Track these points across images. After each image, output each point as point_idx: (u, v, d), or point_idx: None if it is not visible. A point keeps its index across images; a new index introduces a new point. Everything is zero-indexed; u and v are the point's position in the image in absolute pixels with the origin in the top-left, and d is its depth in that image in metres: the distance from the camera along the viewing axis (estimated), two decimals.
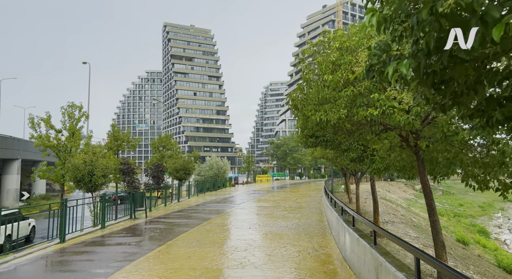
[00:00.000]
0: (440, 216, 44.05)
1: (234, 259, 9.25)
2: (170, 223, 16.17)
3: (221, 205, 24.09)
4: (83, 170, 19.90)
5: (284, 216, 17.62)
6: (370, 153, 11.85)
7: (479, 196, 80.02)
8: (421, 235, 18.01)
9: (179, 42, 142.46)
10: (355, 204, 21.41)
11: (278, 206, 22.56)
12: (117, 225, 15.66)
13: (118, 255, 9.87)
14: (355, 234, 7.66)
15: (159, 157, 41.58)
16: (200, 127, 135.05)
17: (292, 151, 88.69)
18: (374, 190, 14.71)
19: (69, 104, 25.84)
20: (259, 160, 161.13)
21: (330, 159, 20.48)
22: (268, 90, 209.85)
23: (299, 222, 15.46)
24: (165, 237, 12.46)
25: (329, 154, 18.56)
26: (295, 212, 19.30)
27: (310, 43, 8.08)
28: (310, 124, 7.80)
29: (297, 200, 26.27)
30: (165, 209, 22.02)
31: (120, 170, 25.82)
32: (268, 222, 15.67)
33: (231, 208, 21.70)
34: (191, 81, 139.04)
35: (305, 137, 12.63)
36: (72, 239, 12.48)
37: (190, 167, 38.21)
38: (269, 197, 30.35)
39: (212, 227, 14.43)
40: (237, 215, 18.69)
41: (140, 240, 12.22)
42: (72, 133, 25.95)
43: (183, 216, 18.38)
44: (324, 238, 11.84)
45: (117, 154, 33.31)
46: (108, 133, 32.62)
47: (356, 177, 21.83)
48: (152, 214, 19.68)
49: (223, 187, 46.13)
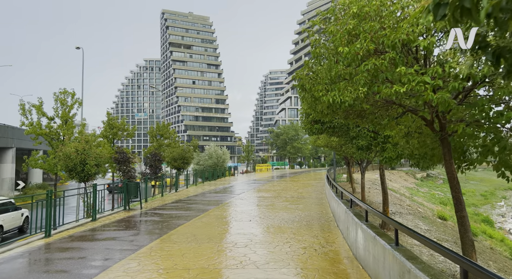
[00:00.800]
0: (443, 205, 43.34)
1: (233, 257, 8.36)
2: (166, 214, 15.30)
3: (220, 195, 23.24)
4: (75, 159, 18.98)
5: (286, 207, 16.76)
6: (380, 140, 10.90)
7: (480, 185, 79.73)
8: (431, 228, 17.17)
9: (177, 29, 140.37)
10: (360, 194, 20.55)
11: (279, 196, 21.71)
12: (110, 217, 14.78)
13: (106, 252, 8.99)
14: (370, 232, 6.75)
15: (157, 146, 40.63)
16: (199, 116, 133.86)
17: (292, 139, 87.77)
18: (384, 180, 13.79)
19: (61, 91, 24.79)
20: (259, 149, 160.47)
21: (334, 148, 19.55)
22: (267, 79, 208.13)
23: (302, 214, 14.59)
24: (159, 231, 11.58)
25: (333, 142, 17.64)
26: (297, 202, 18.44)
27: (320, 13, 7.05)
28: (320, 107, 6.83)
29: (299, 190, 25.42)
30: (161, 199, 21.16)
31: (115, 159, 24.89)
32: (269, 214, 14.81)
33: (230, 199, 20.85)
34: (190, 70, 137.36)
35: (310, 123, 11.68)
36: (59, 233, 11.60)
37: (189, 156, 37.34)
38: (269, 186, 29.51)
39: (210, 220, 13.55)
40: (236, 206, 17.83)
41: (132, 234, 11.33)
42: (65, 121, 24.95)
43: (180, 207, 17.52)
44: (330, 233, 10.96)
45: (113, 142, 32.37)
46: (103, 121, 31.60)
47: (361, 166, 20.88)
48: (148, 205, 18.82)
49: (223, 176, 45.30)
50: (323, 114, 7.35)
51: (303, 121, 12.20)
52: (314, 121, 11.29)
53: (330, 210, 15.72)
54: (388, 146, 10.67)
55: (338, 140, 16.51)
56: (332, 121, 10.89)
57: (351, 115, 7.29)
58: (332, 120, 10.91)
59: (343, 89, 5.58)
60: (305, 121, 11.89)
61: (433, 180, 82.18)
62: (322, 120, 10.99)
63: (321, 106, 6.64)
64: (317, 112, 7.26)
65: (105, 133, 31.19)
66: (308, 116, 11.43)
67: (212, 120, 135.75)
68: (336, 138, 16.14)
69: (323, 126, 11.25)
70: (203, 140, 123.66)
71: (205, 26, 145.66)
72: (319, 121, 11.29)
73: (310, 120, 11.35)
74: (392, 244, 5.69)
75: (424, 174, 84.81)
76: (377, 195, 29.15)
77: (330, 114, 7.23)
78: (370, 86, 5.24)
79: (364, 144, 11.18)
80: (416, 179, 77.57)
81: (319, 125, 11.33)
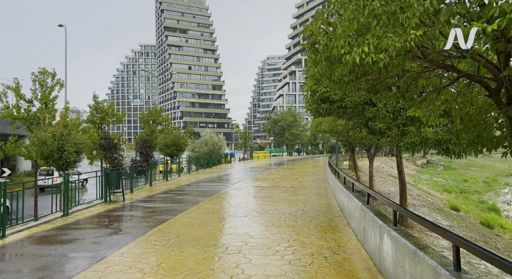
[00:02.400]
0: (447, 192, 41.78)
1: (222, 269, 6.57)
2: (149, 208, 13.49)
3: (214, 184, 21.44)
4: (51, 145, 17.08)
5: (285, 199, 14.98)
6: (401, 122, 9.03)
7: (481, 171, 78.46)
8: (452, 222, 15.42)
9: (172, 13, 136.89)
10: (368, 183, 18.76)
11: (278, 185, 19.95)
12: (85, 212, 12.96)
13: (63, 261, 7.17)
14: (407, 243, 4.94)
15: (149, 132, 38.67)
16: (195, 102, 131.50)
17: (290, 126, 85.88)
18: (402, 169, 11.91)
19: (40, 71, 22.69)
20: (256, 136, 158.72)
21: (339, 133, 17.68)
22: (265, 65, 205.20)
23: (304, 208, 12.81)
24: (137, 230, 9.77)
25: (339, 126, 15.77)
26: (298, 193, 16.68)
27: None
28: (339, 72, 4.93)
29: (299, 179, 23.67)
30: (149, 189, 19.35)
31: (100, 145, 22.95)
32: (267, 207, 13.02)
33: (225, 188, 19.07)
34: (186, 55, 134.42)
35: (317, 102, 9.77)
36: (18, 233, 9.76)
37: (182, 142, 35.48)
38: (267, 174, 27.75)
39: (199, 215, 11.76)
40: (231, 197, 16.05)
41: (104, 234, 9.51)
42: (45, 104, 22.92)
43: (168, 199, 15.72)
44: (340, 232, 9.18)
45: (100, 128, 30.37)
46: (90, 105, 29.51)
47: (369, 153, 19.01)
48: (133, 196, 17.02)
49: (218, 163, 43.50)
50: (340, 84, 5.45)
51: (307, 101, 10.29)
52: (321, 100, 9.41)
53: (335, 202, 13.96)
54: (410, 129, 8.81)
55: (345, 123, 14.65)
56: (343, 99, 9.00)
57: (379, 85, 5.43)
58: (344, 99, 9.01)
59: (380, 38, 3.73)
60: (309, 100, 9.99)
61: (433, 166, 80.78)
62: (332, 98, 9.09)
63: (341, 70, 4.75)
64: (333, 82, 5.37)
65: (91, 118, 29.14)
66: (314, 94, 9.54)
67: (208, 107, 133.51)
68: (343, 122, 14.28)
69: (332, 106, 9.36)
70: (199, 126, 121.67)
71: (201, 9, 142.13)
72: (327, 100, 9.39)
73: (316, 99, 9.45)
74: (450, 268, 3.86)
75: (424, 160, 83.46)
76: (383, 183, 27.44)
77: (351, 84, 5.34)
78: (426, 31, 3.38)
79: (382, 127, 9.34)
80: (416, 165, 76.15)
81: (327, 105, 9.43)
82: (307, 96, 9.95)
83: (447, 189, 44.77)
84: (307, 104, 10.27)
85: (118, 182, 15.13)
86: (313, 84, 9.44)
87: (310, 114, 10.91)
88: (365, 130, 11.65)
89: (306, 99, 10.29)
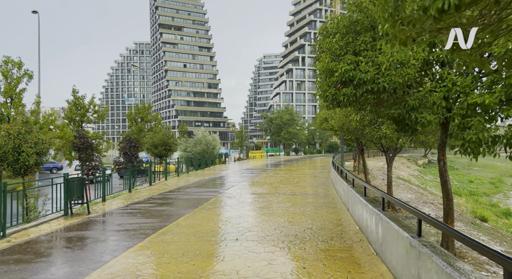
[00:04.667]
0: (457, 195, 39.08)
1: None
2: (116, 225, 10.64)
3: (204, 190, 18.61)
4: (4, 146, 14.23)
5: (287, 211, 12.18)
6: (459, 112, 6.24)
7: (485, 171, 75.98)
8: (493, 239, 12.47)
9: (167, 10, 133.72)
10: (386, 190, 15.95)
11: (277, 192, 17.15)
12: (32, 231, 10.09)
13: None
14: None
15: (136, 130, 35.78)
16: (190, 101, 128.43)
17: (287, 124, 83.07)
18: (447, 179, 8.95)
19: (4, 60, 19.79)
20: (252, 135, 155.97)
21: (351, 131, 14.76)
22: (261, 63, 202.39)
23: (312, 225, 10.03)
24: (72, 269, 6.93)
25: (352, 122, 12.85)
26: (301, 203, 13.89)
27: None
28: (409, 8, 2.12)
29: (300, 183, 20.88)
30: (126, 197, 16.49)
31: (73, 145, 20.03)
32: (265, 224, 10.22)
33: (215, 196, 16.25)
34: (181, 52, 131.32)
35: (335, 86, 6.94)
36: None
37: (172, 141, 32.65)
38: (264, 177, 24.94)
39: (176, 237, 8.93)
40: (220, 208, 13.23)
41: (27, 275, 6.64)
42: (10, 98, 20.02)
43: (142, 211, 12.87)
44: (370, 271, 6.39)
45: (81, 125, 27.46)
46: (68, 100, 26.59)
47: (387, 154, 15.97)
48: (105, 206, 14.17)
49: (212, 164, 40.63)
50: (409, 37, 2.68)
51: (320, 85, 7.49)
52: (341, 82, 6.63)
53: (350, 217, 11.20)
54: (474, 123, 6.02)
55: (360, 118, 11.83)
56: (376, 80, 6.16)
57: None
58: (377, 79, 6.17)
59: None
60: (324, 84, 7.20)
61: (435, 166, 78.04)
62: (359, 78, 6.27)
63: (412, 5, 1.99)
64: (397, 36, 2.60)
65: (69, 115, 26.24)
66: (331, 74, 6.73)
67: (204, 105, 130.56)
68: (358, 117, 11.49)
69: (358, 90, 6.56)
70: (195, 125, 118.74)
71: (197, 7, 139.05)
72: (351, 82, 6.60)
73: (334, 81, 6.66)
74: None
75: (426, 160, 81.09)
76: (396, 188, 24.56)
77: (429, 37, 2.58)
78: None
79: (431, 119, 6.59)
80: (418, 165, 73.65)
81: (350, 89, 6.62)
82: (321, 76, 7.14)
83: (456, 191, 42.08)
84: (319, 91, 7.48)
85: (82, 190, 12.25)
86: (331, 60, 6.68)
87: (323, 103, 8.11)
88: (392, 127, 8.85)
89: (319, 84, 7.50)
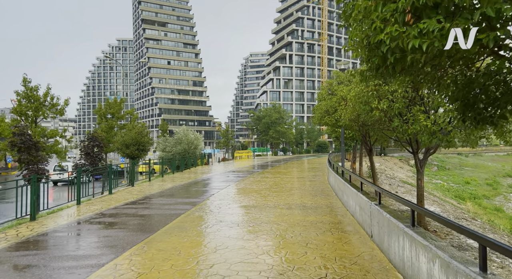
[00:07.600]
0: (460, 199, 36.13)
1: None
2: (22, 262, 6.87)
3: (173, 202, 14.83)
4: None
5: (282, 238, 8.56)
6: None
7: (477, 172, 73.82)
8: None
9: (150, 5, 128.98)
10: None
11: (267, 205, 13.48)
12: None
13: None
14: None
15: (106, 128, 31.71)
16: (175, 99, 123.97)
17: (275, 123, 79.57)
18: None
19: None
20: (239, 135, 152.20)
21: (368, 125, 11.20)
22: (248, 62, 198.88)
23: (327, 272, 6.45)
24: None
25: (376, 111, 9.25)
26: (301, 224, 10.27)
27: None
28: None
29: (294, 191, 17.30)
30: (68, 214, 12.64)
31: (11, 143, 16.01)
32: (250, 269, 6.59)
33: (187, 210, 12.53)
34: (165, 49, 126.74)
35: (405, 18, 3.30)
36: None
37: (146, 141, 28.63)
38: (251, 183, 21.29)
39: None
40: (190, 231, 9.51)
41: None
42: None
43: (79, 237, 9.10)
44: None
45: (35, 122, 23.39)
46: (17, 92, 22.48)
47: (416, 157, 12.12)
48: (36, 225, 10.32)
49: (193, 166, 36.78)
50: None
51: (353, 46, 3.89)
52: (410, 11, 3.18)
53: (376, 249, 7.65)
54: None
55: (388, 105, 8.31)
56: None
57: None
58: None
59: None
60: (360, 41, 3.61)
61: (427, 166, 75.67)
62: None
63: None
64: None
65: (19, 109, 22.15)
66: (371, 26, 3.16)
67: (189, 104, 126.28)
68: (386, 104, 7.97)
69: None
70: (179, 124, 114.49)
71: (181, 2, 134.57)
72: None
73: (400, 9, 3.14)
74: None
75: None
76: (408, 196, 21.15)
77: None
78: None
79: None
80: (410, 166, 70.86)
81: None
82: (355, 32, 3.65)
83: (459, 195, 39.09)
84: (356, 50, 3.94)
85: None
86: None
87: (352, 74, 4.61)
88: (454, 113, 5.30)
89: (353, 40, 3.98)
